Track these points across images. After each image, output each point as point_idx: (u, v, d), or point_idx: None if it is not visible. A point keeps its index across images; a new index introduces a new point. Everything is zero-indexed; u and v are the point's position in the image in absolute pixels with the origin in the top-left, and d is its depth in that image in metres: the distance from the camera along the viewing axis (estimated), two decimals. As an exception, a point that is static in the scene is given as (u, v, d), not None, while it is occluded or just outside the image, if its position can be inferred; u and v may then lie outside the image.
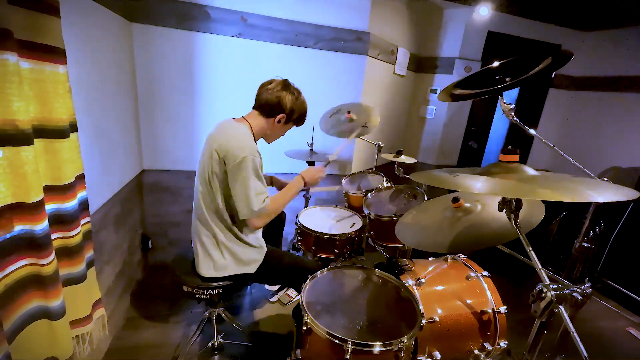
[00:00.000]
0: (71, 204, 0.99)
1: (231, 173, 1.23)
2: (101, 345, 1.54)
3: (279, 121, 1.35)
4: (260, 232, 1.46)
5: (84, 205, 1.11)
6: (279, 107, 1.32)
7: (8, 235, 0.78)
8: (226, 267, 1.35)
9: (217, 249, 1.34)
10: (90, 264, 1.15)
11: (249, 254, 1.39)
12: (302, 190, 1.47)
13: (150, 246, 2.19)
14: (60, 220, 0.98)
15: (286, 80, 1.36)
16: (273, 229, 1.85)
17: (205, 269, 1.34)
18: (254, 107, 1.38)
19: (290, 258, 1.51)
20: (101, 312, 1.24)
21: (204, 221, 1.33)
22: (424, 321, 1.04)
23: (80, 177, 1.07)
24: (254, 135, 1.34)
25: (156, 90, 2.00)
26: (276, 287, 2.07)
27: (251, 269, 1.39)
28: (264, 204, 1.26)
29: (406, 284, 1.21)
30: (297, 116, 1.38)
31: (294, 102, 1.34)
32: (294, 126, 1.45)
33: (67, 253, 1.01)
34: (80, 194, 1.08)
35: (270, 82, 1.34)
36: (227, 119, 1.36)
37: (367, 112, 2.07)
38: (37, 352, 0.90)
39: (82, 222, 1.09)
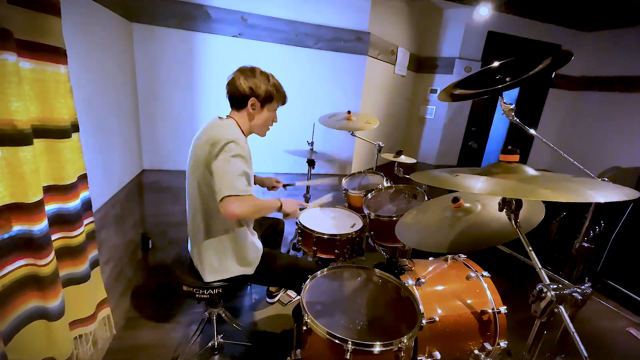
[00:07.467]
0: (73, 204, 0.99)
1: (216, 156, 1.16)
2: (101, 345, 1.53)
3: (253, 107, 1.30)
4: (255, 234, 1.46)
5: (86, 205, 1.11)
6: (240, 93, 1.27)
7: (6, 236, 0.78)
8: (229, 268, 1.35)
9: (222, 251, 1.33)
10: (94, 264, 1.15)
11: (253, 254, 1.39)
12: (279, 212, 1.37)
13: (150, 246, 2.19)
14: (62, 220, 0.98)
15: (241, 67, 1.30)
16: (273, 230, 1.85)
17: (209, 274, 1.34)
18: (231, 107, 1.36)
19: (289, 260, 1.51)
20: (106, 311, 1.24)
21: (208, 225, 1.30)
22: (424, 321, 1.04)
23: (83, 177, 1.07)
24: (242, 131, 1.32)
25: (156, 90, 2.00)
26: (275, 300, 2.07)
27: (251, 269, 1.39)
28: (249, 188, 1.20)
29: (406, 284, 1.21)
30: (265, 93, 1.29)
31: (253, 81, 1.27)
32: (279, 105, 1.39)
33: (69, 253, 1.01)
34: (83, 194, 1.08)
35: (231, 77, 1.30)
36: (213, 118, 1.34)
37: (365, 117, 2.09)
38: (34, 353, 0.90)
39: (85, 222, 1.09)
